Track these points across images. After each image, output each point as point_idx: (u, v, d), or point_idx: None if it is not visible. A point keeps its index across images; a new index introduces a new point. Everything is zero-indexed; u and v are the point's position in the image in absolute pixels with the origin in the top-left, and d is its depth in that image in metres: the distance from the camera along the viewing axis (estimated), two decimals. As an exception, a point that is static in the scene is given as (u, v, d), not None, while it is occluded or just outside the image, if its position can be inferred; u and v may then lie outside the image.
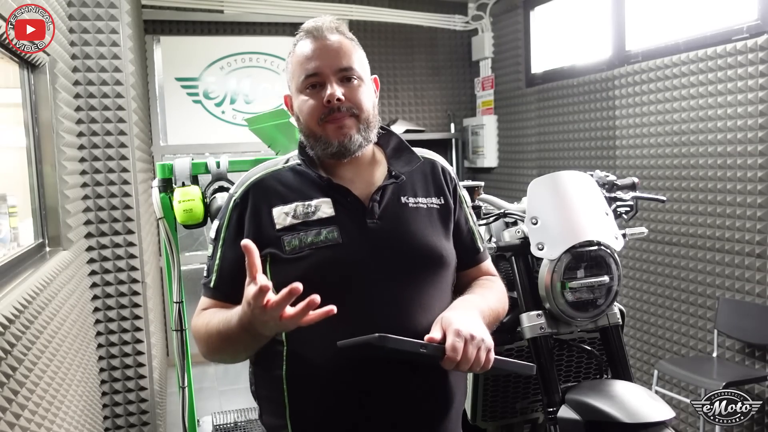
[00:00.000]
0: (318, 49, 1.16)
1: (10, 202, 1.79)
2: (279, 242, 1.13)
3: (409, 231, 1.17)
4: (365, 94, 1.18)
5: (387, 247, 1.14)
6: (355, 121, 1.16)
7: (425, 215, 1.20)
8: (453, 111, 5.05)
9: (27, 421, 1.30)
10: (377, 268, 1.12)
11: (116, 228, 2.34)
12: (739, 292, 2.73)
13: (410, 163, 1.26)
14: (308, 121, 1.17)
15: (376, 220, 1.16)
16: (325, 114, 1.14)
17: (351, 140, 1.15)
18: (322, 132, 1.15)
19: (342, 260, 1.11)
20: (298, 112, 1.19)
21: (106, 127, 2.31)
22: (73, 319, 1.92)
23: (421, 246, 1.16)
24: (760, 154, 2.61)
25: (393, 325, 1.07)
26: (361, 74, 1.18)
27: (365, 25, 4.71)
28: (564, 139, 3.91)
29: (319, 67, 1.14)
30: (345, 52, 1.16)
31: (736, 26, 2.72)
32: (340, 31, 1.19)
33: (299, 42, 1.20)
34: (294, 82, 1.19)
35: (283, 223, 1.14)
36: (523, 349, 1.65)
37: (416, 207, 1.20)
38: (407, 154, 1.28)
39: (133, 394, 2.41)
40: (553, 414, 1.46)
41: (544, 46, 4.25)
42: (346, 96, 1.14)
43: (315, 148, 1.18)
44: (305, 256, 1.11)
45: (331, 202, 1.16)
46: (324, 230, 1.13)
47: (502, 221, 1.69)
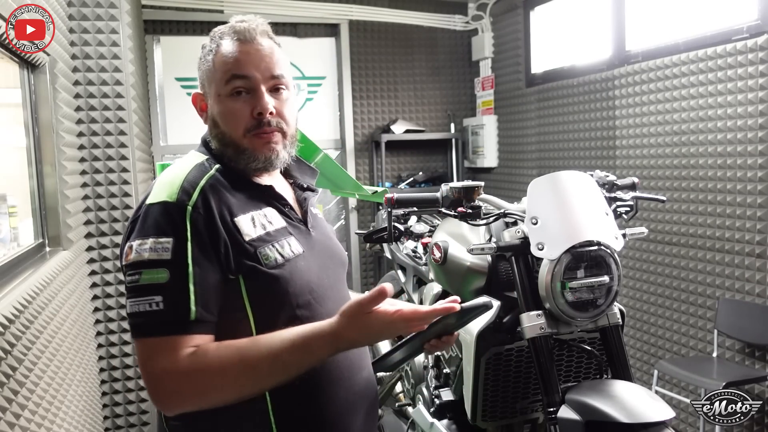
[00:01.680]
0: (248, 52, 1.08)
1: (10, 202, 1.79)
2: (255, 255, 1.03)
3: (332, 239, 1.27)
4: (292, 107, 1.14)
5: (326, 254, 1.20)
6: (281, 137, 1.11)
7: (327, 223, 1.32)
8: (453, 111, 5.05)
9: (27, 421, 1.30)
10: (326, 274, 1.16)
11: (116, 228, 2.34)
12: (739, 292, 2.73)
13: (312, 174, 1.29)
14: (232, 131, 1.08)
15: (312, 228, 1.19)
16: (253, 126, 1.08)
17: (278, 157, 1.11)
18: (249, 145, 1.08)
19: (309, 271, 1.11)
20: (217, 116, 1.10)
21: (106, 127, 2.31)
22: (73, 319, 1.92)
23: (341, 250, 1.27)
24: (760, 154, 2.61)
25: None
26: (289, 83, 1.13)
27: (365, 25, 4.71)
28: (564, 139, 3.91)
29: (249, 72, 1.07)
30: (276, 59, 1.10)
31: (736, 26, 2.72)
32: (269, 34, 1.12)
33: (225, 40, 1.10)
34: (215, 83, 1.09)
35: (252, 234, 1.04)
36: (523, 349, 1.65)
37: (321, 216, 1.29)
38: (304, 166, 1.28)
39: (133, 395, 2.41)
40: (553, 414, 1.46)
41: (544, 46, 4.25)
42: (276, 109, 1.09)
43: (236, 159, 1.09)
44: (284, 269, 1.05)
45: (276, 211, 1.12)
46: (285, 240, 1.08)
47: (502, 221, 1.68)
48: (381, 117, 4.88)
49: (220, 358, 0.95)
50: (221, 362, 0.95)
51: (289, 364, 0.96)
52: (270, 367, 0.95)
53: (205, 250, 0.99)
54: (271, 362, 0.95)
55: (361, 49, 4.74)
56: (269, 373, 0.96)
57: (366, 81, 4.79)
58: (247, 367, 0.95)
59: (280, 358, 0.95)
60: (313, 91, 4.79)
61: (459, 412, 1.81)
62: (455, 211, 1.61)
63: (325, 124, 4.80)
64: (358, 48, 4.73)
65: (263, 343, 0.97)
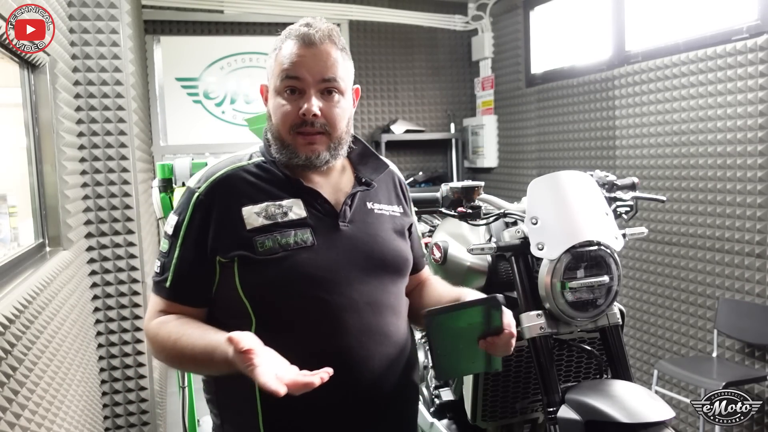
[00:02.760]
0: (304, 55, 1.12)
1: (10, 202, 1.79)
2: (251, 243, 1.09)
3: (378, 235, 1.20)
4: (342, 111, 1.16)
5: (358, 250, 1.16)
6: (326, 138, 1.14)
7: (389, 221, 1.24)
8: (453, 111, 5.05)
9: (27, 421, 1.30)
10: (350, 270, 1.14)
11: (116, 228, 2.34)
12: (739, 292, 2.73)
13: (378, 169, 1.27)
14: (280, 126, 1.15)
15: (348, 224, 1.17)
16: (297, 125, 1.13)
17: (318, 157, 1.14)
18: (292, 141, 1.14)
19: (317, 262, 1.11)
20: (271, 110, 1.17)
21: (106, 127, 2.31)
22: (73, 319, 1.92)
23: (389, 250, 1.20)
24: (760, 154, 2.61)
25: (365, 326, 1.12)
26: (342, 87, 1.15)
27: (365, 25, 4.71)
28: (564, 139, 3.91)
29: (301, 74, 1.12)
30: (332, 63, 1.13)
31: (736, 26, 2.72)
32: (332, 39, 1.15)
33: (289, 41, 1.15)
34: (273, 79, 1.16)
35: (254, 224, 1.11)
36: (523, 349, 1.65)
37: (381, 213, 1.23)
38: (374, 161, 1.28)
39: (133, 394, 2.41)
40: (553, 414, 1.46)
41: (544, 46, 4.25)
42: (322, 111, 1.12)
43: (281, 153, 1.16)
44: (280, 258, 1.09)
45: (302, 203, 1.15)
46: (297, 232, 1.12)
47: (502, 221, 1.68)
48: (381, 117, 4.88)
49: (163, 334, 1.09)
50: (161, 338, 1.09)
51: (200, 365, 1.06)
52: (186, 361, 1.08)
53: (196, 232, 1.12)
54: (188, 357, 1.05)
55: (361, 49, 4.74)
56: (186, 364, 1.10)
57: (366, 81, 4.79)
58: (172, 351, 1.07)
59: (193, 357, 1.04)
60: (313, 91, 4.79)
61: (459, 412, 1.82)
62: (455, 211, 1.61)
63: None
64: (358, 48, 4.72)
65: (187, 336, 1.05)
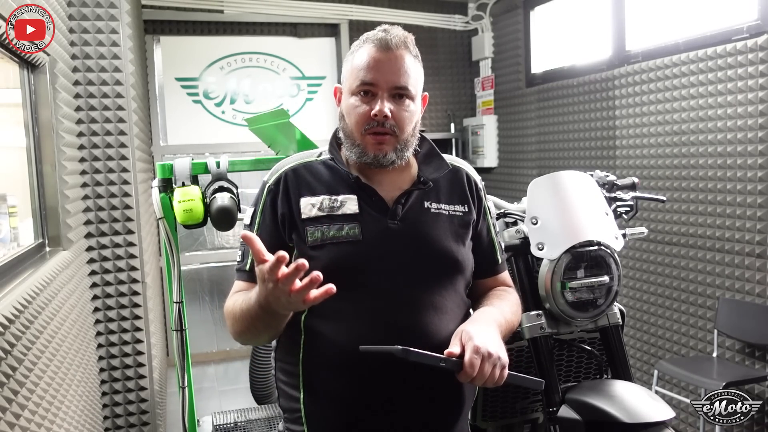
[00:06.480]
0: (379, 61, 1.18)
1: (10, 202, 1.79)
2: (303, 231, 1.19)
3: (428, 235, 1.22)
4: (410, 114, 1.22)
5: (405, 248, 1.19)
6: (394, 139, 1.20)
7: (446, 221, 1.25)
8: (453, 111, 5.05)
9: (27, 421, 1.30)
10: (394, 267, 1.18)
11: (116, 228, 2.34)
12: (739, 292, 2.73)
13: (439, 169, 1.30)
14: (353, 126, 1.21)
15: (398, 222, 1.21)
16: (369, 125, 1.18)
17: (386, 157, 1.20)
18: (362, 141, 1.20)
19: (360, 256, 1.17)
20: (344, 110, 1.24)
21: (106, 127, 2.31)
22: (73, 319, 1.92)
23: (438, 250, 1.21)
24: (760, 154, 2.61)
25: (405, 324, 1.14)
26: (413, 94, 1.22)
27: (365, 25, 4.71)
28: (564, 139, 3.91)
29: (375, 80, 1.18)
30: (405, 71, 1.20)
31: (736, 26, 2.72)
32: (407, 47, 1.22)
33: (363, 46, 1.22)
34: (348, 81, 1.22)
35: (309, 214, 1.20)
36: (523, 349, 1.65)
37: (438, 213, 1.25)
38: (437, 161, 1.32)
39: (133, 394, 2.41)
40: (553, 414, 1.46)
41: (544, 46, 4.25)
42: (393, 113, 1.18)
43: (350, 150, 1.23)
44: (325, 249, 1.17)
45: (357, 199, 1.21)
46: (346, 226, 1.18)
47: (502, 221, 1.69)
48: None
49: (229, 304, 1.18)
50: (228, 307, 1.18)
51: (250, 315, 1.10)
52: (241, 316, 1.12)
53: (270, 217, 1.23)
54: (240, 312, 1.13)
55: (361, 49, 4.74)
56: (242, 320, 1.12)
57: (366, 81, 4.79)
58: (234, 313, 1.15)
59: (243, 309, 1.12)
60: (313, 91, 4.79)
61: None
62: (455, 211, 1.60)
63: (325, 123, 4.80)
64: (358, 48, 4.72)
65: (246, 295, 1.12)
